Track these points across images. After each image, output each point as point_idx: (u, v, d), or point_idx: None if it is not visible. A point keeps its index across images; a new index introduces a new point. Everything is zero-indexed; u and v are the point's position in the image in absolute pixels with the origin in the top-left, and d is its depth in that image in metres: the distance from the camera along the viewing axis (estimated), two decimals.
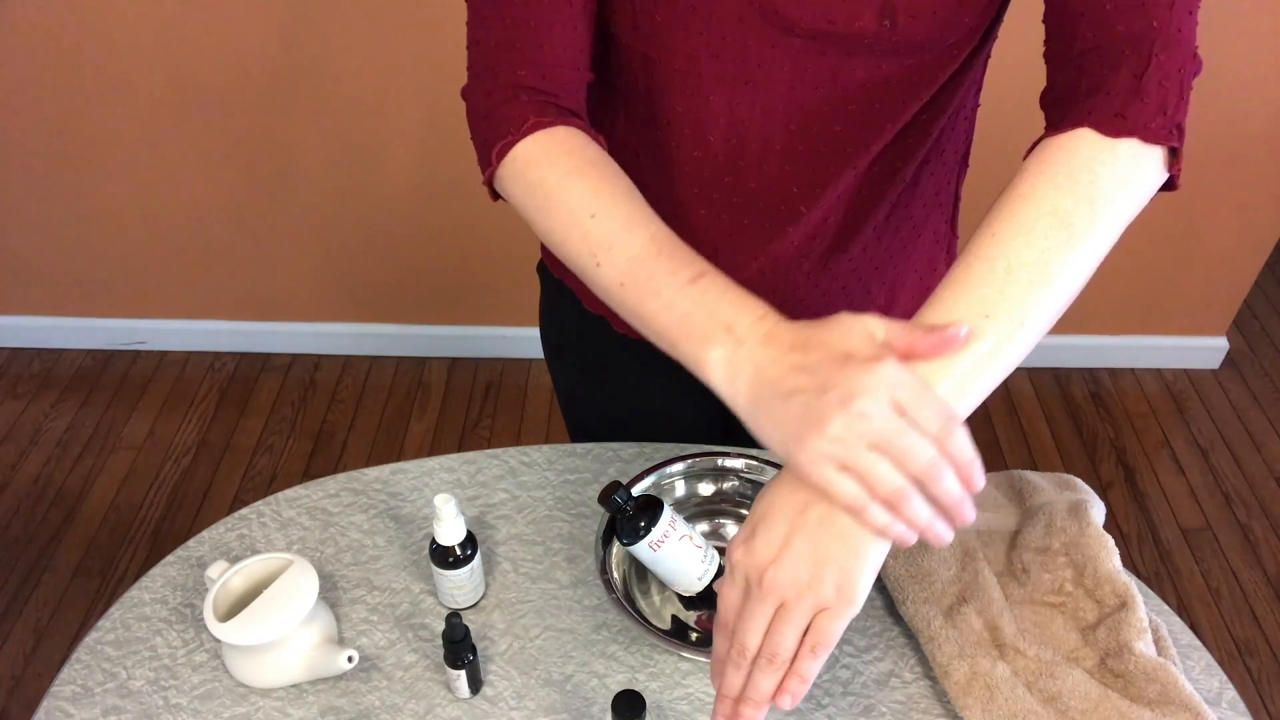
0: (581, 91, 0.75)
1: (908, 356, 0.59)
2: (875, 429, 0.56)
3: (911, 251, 0.92)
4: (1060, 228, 0.61)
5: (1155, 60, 0.63)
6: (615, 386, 1.08)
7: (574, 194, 0.69)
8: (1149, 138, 0.63)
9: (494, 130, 0.72)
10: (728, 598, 0.63)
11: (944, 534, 0.59)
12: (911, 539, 0.59)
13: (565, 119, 0.72)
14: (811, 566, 0.59)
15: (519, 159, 0.71)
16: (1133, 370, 2.37)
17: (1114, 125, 0.63)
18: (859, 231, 0.86)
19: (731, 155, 0.79)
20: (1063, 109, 0.66)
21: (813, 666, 0.61)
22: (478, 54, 0.74)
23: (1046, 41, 0.69)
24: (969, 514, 0.59)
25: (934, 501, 0.58)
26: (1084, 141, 0.63)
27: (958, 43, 0.73)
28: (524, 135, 0.71)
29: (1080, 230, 0.61)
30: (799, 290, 0.90)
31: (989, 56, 0.81)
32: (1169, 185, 0.68)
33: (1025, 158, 0.67)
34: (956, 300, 0.62)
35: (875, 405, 0.56)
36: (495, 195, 0.77)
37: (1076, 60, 0.66)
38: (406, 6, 1.79)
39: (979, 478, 0.58)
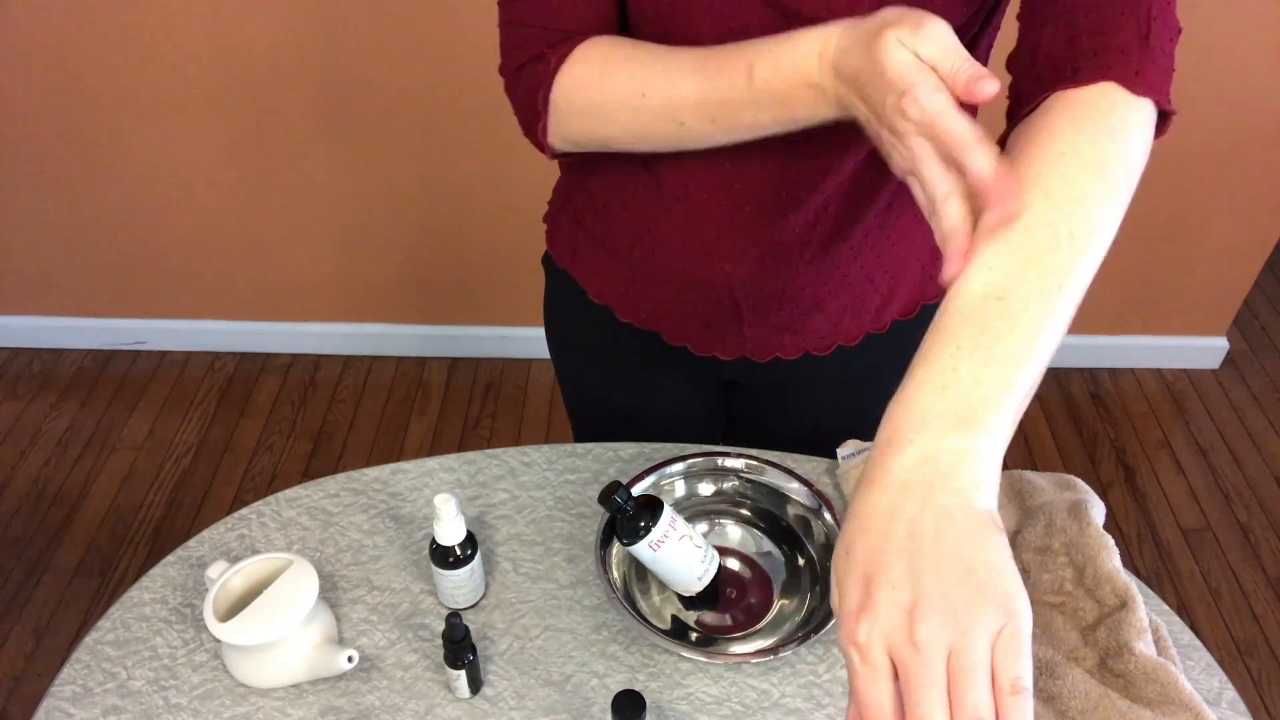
0: None
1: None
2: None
3: (913, 238, 0.92)
4: (1109, 192, 0.59)
5: (1155, 22, 0.62)
6: (619, 377, 1.08)
7: (617, 90, 0.72)
8: (1162, 101, 0.63)
9: (530, 90, 0.76)
10: (874, 697, 0.49)
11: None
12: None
13: (579, 40, 0.75)
14: (961, 588, 0.48)
15: (560, 94, 0.75)
16: (1133, 370, 2.37)
17: (1136, 83, 0.61)
18: (860, 218, 0.86)
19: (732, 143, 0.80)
20: (1064, 67, 0.64)
21: (1026, 711, 0.48)
22: (509, 33, 0.78)
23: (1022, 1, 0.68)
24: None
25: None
26: (1115, 99, 0.61)
27: (959, 29, 0.73)
28: (554, 74, 0.74)
29: (1121, 193, 0.60)
30: (801, 277, 0.90)
31: (991, 46, 0.81)
32: None
33: (1022, 117, 0.64)
34: (1027, 268, 0.56)
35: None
36: (554, 154, 0.81)
37: (1066, 18, 0.64)
38: (407, 6, 1.79)
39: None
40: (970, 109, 0.58)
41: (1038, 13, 0.67)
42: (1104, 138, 0.60)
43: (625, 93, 0.72)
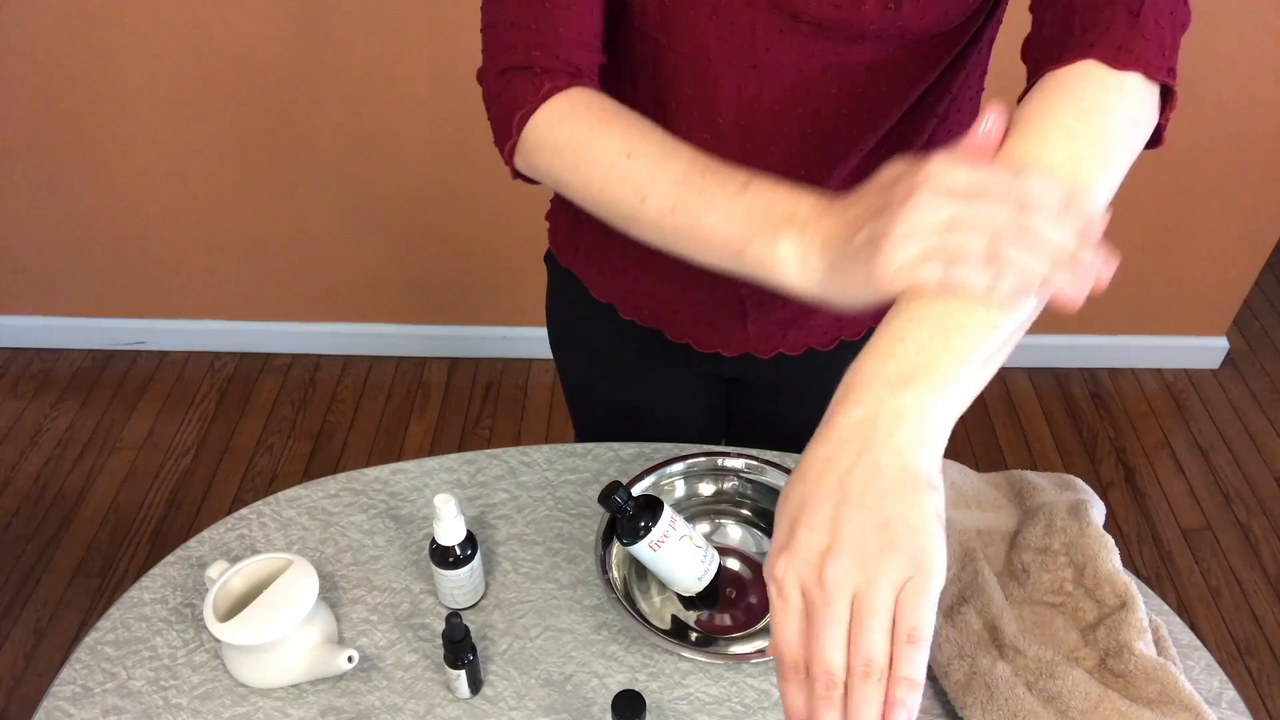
0: (595, 72, 0.76)
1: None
2: (941, 214, 0.53)
3: None
4: (1079, 170, 0.59)
5: (1148, 2, 0.62)
6: (621, 374, 1.08)
7: (604, 141, 0.68)
8: (1151, 73, 0.61)
9: (511, 104, 0.72)
10: (784, 628, 0.53)
11: (1070, 286, 0.54)
12: (1029, 291, 0.54)
13: (580, 82, 0.72)
14: (875, 537, 0.51)
15: (540, 125, 0.71)
16: (1133, 370, 2.37)
17: (1119, 58, 0.61)
18: None
19: (740, 137, 0.80)
20: (1053, 49, 0.64)
21: (918, 661, 0.50)
22: (492, 36, 0.75)
23: None
24: (1089, 262, 0.53)
25: (1041, 259, 0.54)
26: (1091, 78, 0.61)
27: (962, 25, 0.73)
28: (541, 101, 0.71)
29: (1100, 170, 0.59)
30: None
31: (994, 38, 0.82)
32: (1155, 140, 0.66)
33: (1021, 98, 0.64)
34: None
35: (933, 195, 0.54)
36: (516, 174, 0.76)
37: (1066, 3, 0.64)
38: (408, 6, 1.79)
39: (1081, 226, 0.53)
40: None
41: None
42: (1074, 120, 0.59)
43: (610, 151, 0.68)
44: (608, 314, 1.01)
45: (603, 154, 0.68)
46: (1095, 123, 0.60)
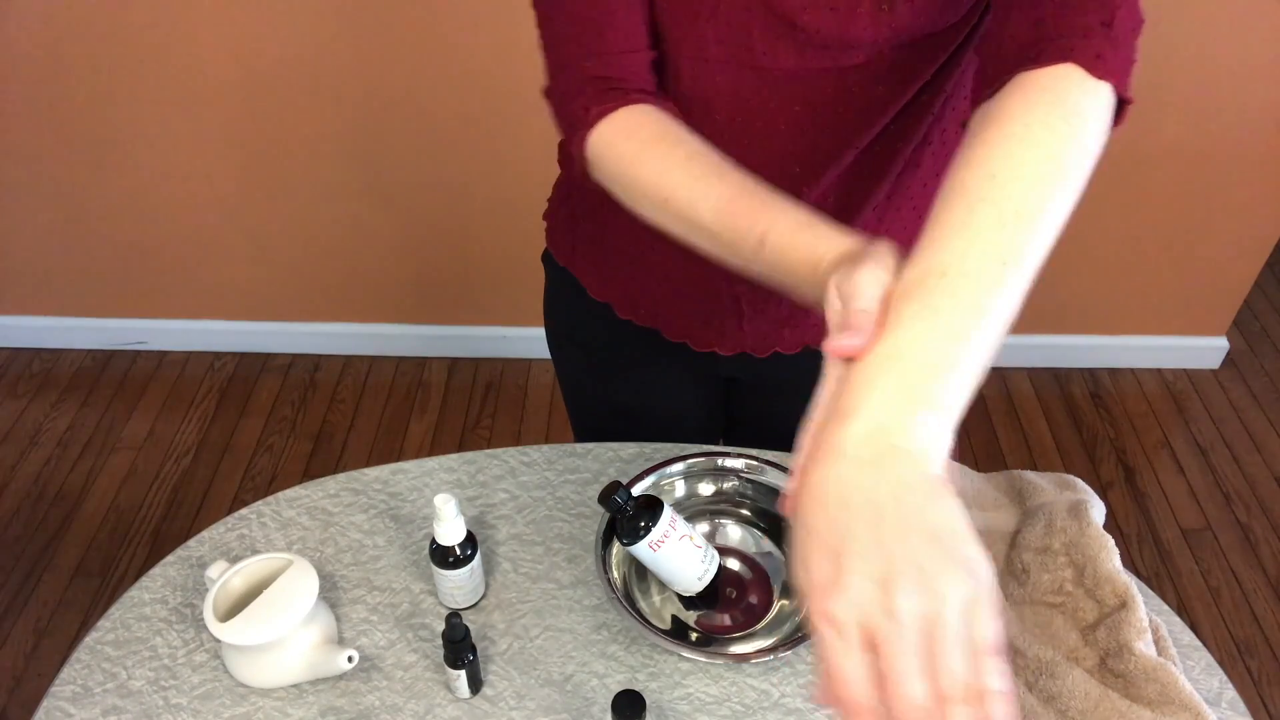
0: (647, 69, 0.77)
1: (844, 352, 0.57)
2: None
3: (913, 230, 0.92)
4: (1059, 173, 0.59)
5: (1119, 10, 0.62)
6: (619, 374, 1.08)
7: (642, 181, 0.73)
8: (1120, 87, 0.63)
9: (569, 127, 0.77)
10: (851, 672, 0.48)
11: None
12: None
13: (627, 99, 0.75)
14: (931, 554, 0.48)
15: (592, 153, 0.75)
16: (1133, 370, 2.37)
17: (1097, 66, 0.61)
18: (860, 210, 0.87)
19: (735, 134, 0.80)
20: (1028, 50, 0.63)
21: (999, 672, 0.47)
22: (549, 55, 0.78)
23: None
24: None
25: None
26: (1072, 81, 0.61)
27: (956, 25, 0.74)
28: (590, 127, 0.74)
29: (1074, 176, 0.60)
30: None
31: None
32: None
33: (983, 100, 0.64)
34: (970, 245, 0.56)
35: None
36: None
37: (1032, 6, 0.64)
38: (408, 7, 1.79)
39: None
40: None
41: None
42: (1056, 119, 0.60)
43: (650, 188, 0.73)
44: (605, 313, 1.01)
45: (645, 193, 0.73)
46: (1075, 124, 0.60)
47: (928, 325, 0.54)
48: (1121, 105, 0.64)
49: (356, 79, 1.89)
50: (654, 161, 0.72)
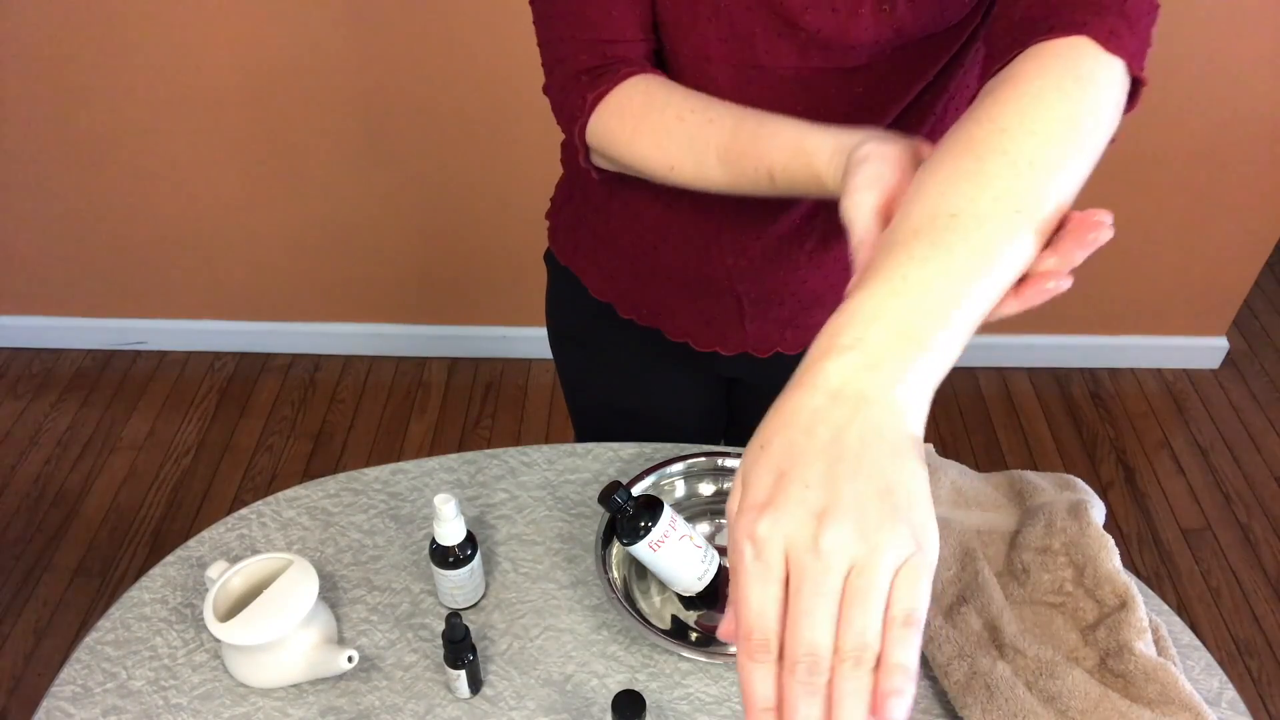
0: (647, 58, 0.78)
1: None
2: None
3: None
4: (1073, 134, 0.56)
5: None
6: (620, 373, 1.08)
7: (644, 158, 0.75)
8: (1134, 66, 0.61)
9: (568, 119, 0.78)
10: (760, 598, 0.45)
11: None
12: None
13: (616, 79, 0.76)
14: (878, 504, 0.45)
15: (591, 140, 0.77)
16: (1133, 370, 2.37)
17: (1110, 41, 0.59)
18: None
19: None
20: (1039, 25, 0.62)
21: (915, 647, 0.44)
22: (546, 52, 0.79)
23: None
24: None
25: None
26: (1085, 52, 0.59)
27: (958, 24, 0.74)
28: (587, 115, 0.76)
29: (1088, 142, 0.57)
30: (801, 271, 0.90)
31: None
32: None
33: (992, 74, 0.62)
34: (982, 191, 0.52)
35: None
36: (596, 170, 0.82)
37: None
38: (407, 7, 1.79)
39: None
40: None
41: None
42: (1070, 83, 0.57)
43: (654, 162, 0.75)
44: (606, 313, 1.01)
45: (651, 169, 0.76)
46: (1089, 89, 0.58)
47: (937, 267, 0.50)
48: (1135, 88, 0.62)
49: (357, 79, 1.89)
50: (648, 134, 0.74)
